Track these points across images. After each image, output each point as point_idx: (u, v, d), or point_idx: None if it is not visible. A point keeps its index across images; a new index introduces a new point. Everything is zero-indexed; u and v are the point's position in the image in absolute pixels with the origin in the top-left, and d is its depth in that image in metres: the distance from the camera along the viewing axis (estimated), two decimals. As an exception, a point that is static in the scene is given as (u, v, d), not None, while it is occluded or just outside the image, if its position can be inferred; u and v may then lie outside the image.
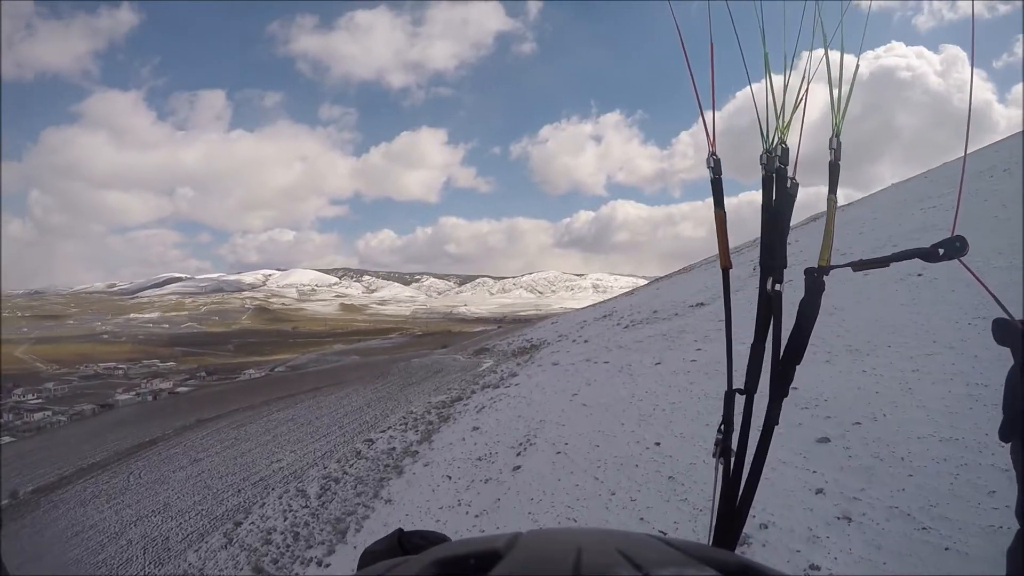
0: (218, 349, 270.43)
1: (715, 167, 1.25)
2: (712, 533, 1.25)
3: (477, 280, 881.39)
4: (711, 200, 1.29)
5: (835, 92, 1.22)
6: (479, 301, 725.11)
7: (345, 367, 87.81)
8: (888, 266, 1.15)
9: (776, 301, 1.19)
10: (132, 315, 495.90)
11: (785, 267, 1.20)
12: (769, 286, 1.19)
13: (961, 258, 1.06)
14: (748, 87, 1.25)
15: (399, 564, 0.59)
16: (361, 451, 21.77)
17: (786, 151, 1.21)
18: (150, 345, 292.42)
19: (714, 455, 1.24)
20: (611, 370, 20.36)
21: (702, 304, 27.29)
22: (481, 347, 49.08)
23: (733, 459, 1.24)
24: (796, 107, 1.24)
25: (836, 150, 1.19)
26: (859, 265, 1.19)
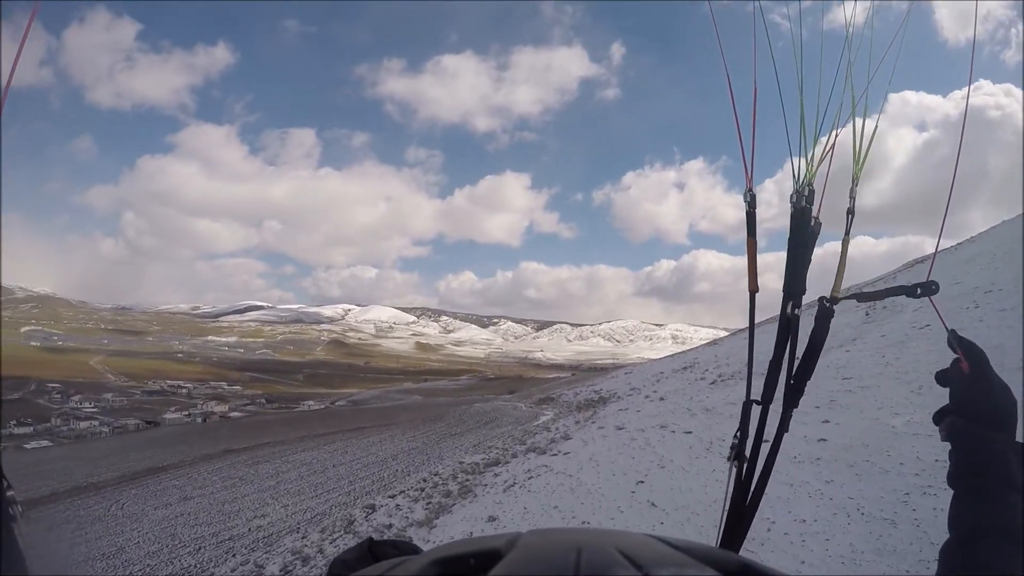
0: (288, 378, 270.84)
1: (751, 201, 1.36)
2: (721, 532, 1.30)
3: (555, 326, 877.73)
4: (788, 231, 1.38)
5: (858, 147, 1.35)
6: (555, 347, 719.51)
7: (402, 407, 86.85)
8: (883, 299, 1.40)
9: (794, 323, 1.30)
10: (210, 337, 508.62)
11: (804, 294, 1.30)
12: (789, 309, 1.30)
13: (931, 297, 1.30)
14: (787, 135, 1.38)
15: (399, 564, 0.59)
16: (355, 521, 18.34)
17: (812, 192, 1.31)
18: (222, 368, 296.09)
19: (728, 459, 1.32)
20: (695, 446, 14.68)
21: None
22: (547, 396, 47.15)
23: (746, 464, 1.30)
24: (823, 157, 1.36)
25: (853, 198, 1.33)
26: (861, 297, 1.41)
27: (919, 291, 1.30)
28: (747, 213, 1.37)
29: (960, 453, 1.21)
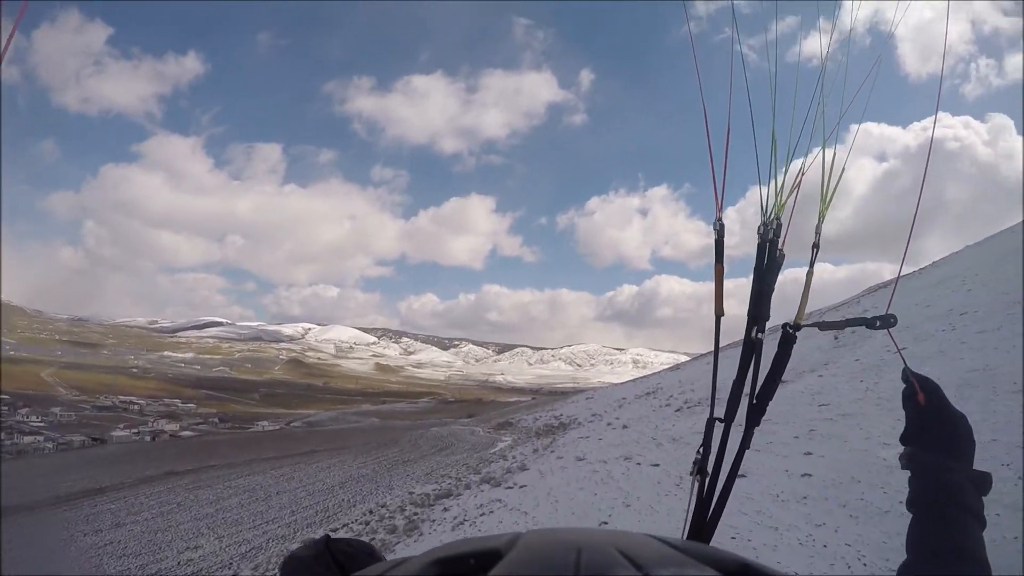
0: (244, 397, 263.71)
1: (720, 230, 1.41)
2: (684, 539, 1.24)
3: (516, 349, 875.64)
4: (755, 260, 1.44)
5: (826, 186, 1.43)
6: (516, 371, 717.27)
7: (358, 429, 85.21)
8: (843, 329, 1.43)
9: (758, 346, 1.36)
10: (167, 353, 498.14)
11: (768, 320, 1.36)
12: (753, 334, 1.36)
13: (889, 329, 1.37)
14: (757, 168, 1.46)
15: (399, 564, 0.59)
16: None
17: (779, 225, 1.38)
18: (177, 384, 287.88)
19: (691, 474, 1.36)
20: (664, 481, 13.50)
21: (785, 381, 20.04)
22: (506, 420, 46.88)
23: (708, 479, 1.34)
24: (791, 193, 1.41)
25: (819, 234, 1.41)
26: (823, 326, 1.46)
27: (878, 324, 1.34)
28: (716, 240, 1.41)
29: (919, 481, 1.26)
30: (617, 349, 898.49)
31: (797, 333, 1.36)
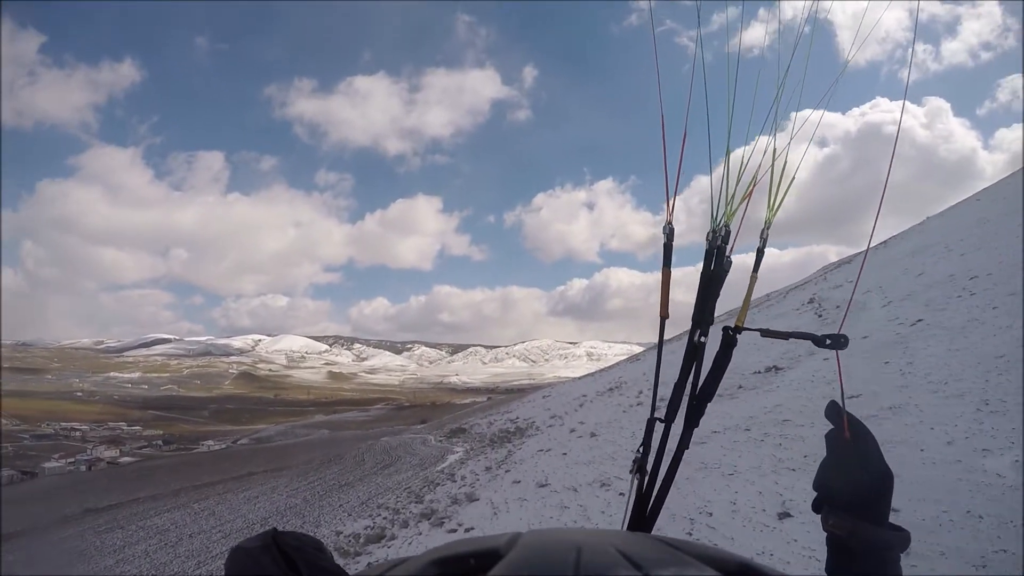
0: (193, 415, 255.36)
1: (669, 234, 1.41)
2: None
3: (469, 349, 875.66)
4: (702, 265, 1.41)
5: (774, 190, 1.44)
6: (471, 371, 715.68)
7: (306, 443, 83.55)
8: (787, 339, 1.42)
9: (700, 350, 1.36)
10: (112, 374, 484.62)
11: (712, 324, 1.36)
12: (696, 337, 1.36)
13: (839, 351, 1.33)
14: (710, 173, 1.46)
15: (398, 564, 0.59)
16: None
17: (728, 232, 1.38)
18: (123, 407, 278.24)
19: (631, 471, 1.36)
20: (666, 526, 9.57)
21: (778, 368, 18.17)
22: (459, 426, 43.61)
23: (647, 478, 1.34)
24: (742, 200, 1.42)
25: (764, 239, 1.41)
26: (765, 333, 1.44)
27: (828, 343, 1.31)
28: (664, 244, 1.42)
29: (835, 548, 1.21)
30: (570, 343, 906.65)
31: (738, 336, 1.36)
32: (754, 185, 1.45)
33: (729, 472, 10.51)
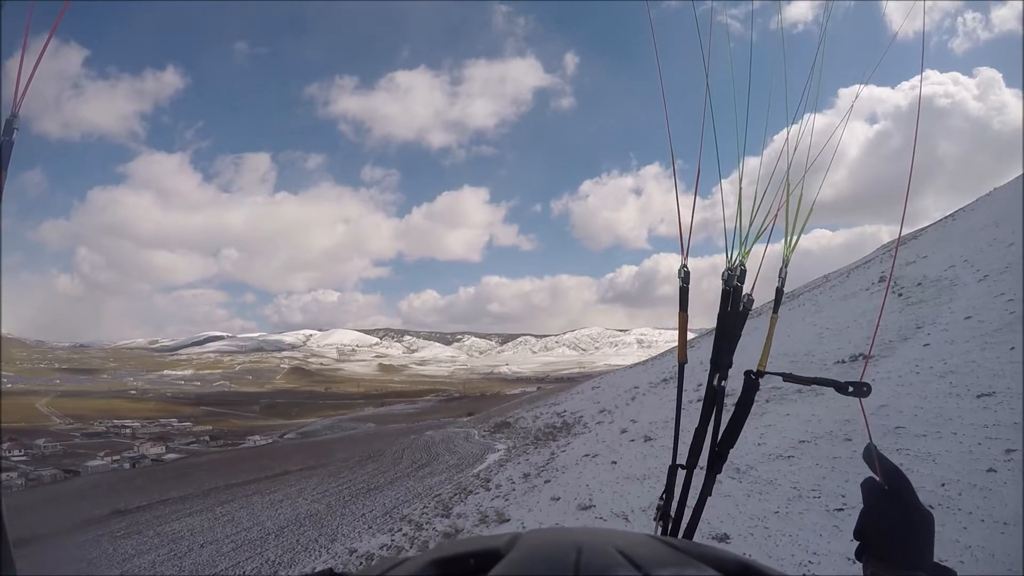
0: (244, 410, 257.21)
1: (684, 278, 1.40)
2: None
3: (519, 339, 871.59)
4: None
5: (791, 222, 1.40)
6: (521, 360, 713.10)
7: (349, 438, 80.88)
8: (809, 385, 1.34)
9: (720, 394, 1.34)
10: (166, 372, 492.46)
11: (730, 367, 1.34)
12: (715, 381, 1.34)
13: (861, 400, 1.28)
14: (723, 216, 1.46)
15: (398, 564, 0.58)
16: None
17: (744, 272, 1.36)
18: (175, 403, 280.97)
19: (654, 519, 1.34)
20: None
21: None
22: (504, 420, 42.77)
23: (671, 524, 1.33)
24: (757, 238, 1.40)
25: (783, 278, 1.40)
26: (788, 378, 1.37)
27: (850, 390, 1.27)
28: (680, 288, 1.41)
29: None
30: (621, 330, 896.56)
31: (760, 380, 1.33)
32: (773, 223, 1.40)
33: (837, 506, 7.62)
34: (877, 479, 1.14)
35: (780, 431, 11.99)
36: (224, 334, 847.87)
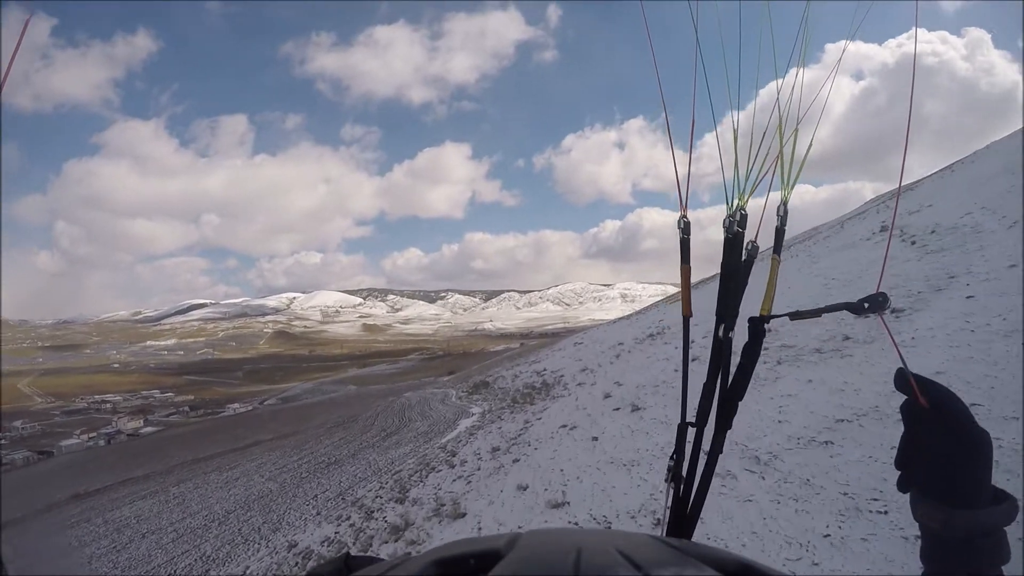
0: (226, 377, 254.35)
1: (685, 228, 1.32)
2: None
3: (503, 295, 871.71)
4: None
5: (787, 165, 1.30)
6: (505, 316, 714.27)
7: (326, 403, 78.96)
8: (820, 316, 1.24)
9: (727, 346, 1.23)
10: (149, 343, 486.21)
11: (736, 317, 1.24)
12: (721, 333, 1.23)
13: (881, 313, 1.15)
14: (719, 155, 1.37)
15: (399, 564, 0.59)
16: None
17: (745, 216, 1.27)
18: (158, 374, 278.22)
19: (666, 480, 1.25)
20: None
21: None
22: (483, 379, 40.91)
23: (683, 485, 1.24)
24: (758, 183, 1.30)
25: (783, 216, 1.30)
26: (795, 315, 1.27)
27: (866, 306, 1.13)
28: (681, 240, 1.33)
29: (929, 538, 1.03)
30: (604, 285, 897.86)
31: (767, 326, 1.22)
32: (765, 166, 1.30)
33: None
34: (919, 402, 0.97)
35: (805, 404, 9.50)
36: (207, 301, 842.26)
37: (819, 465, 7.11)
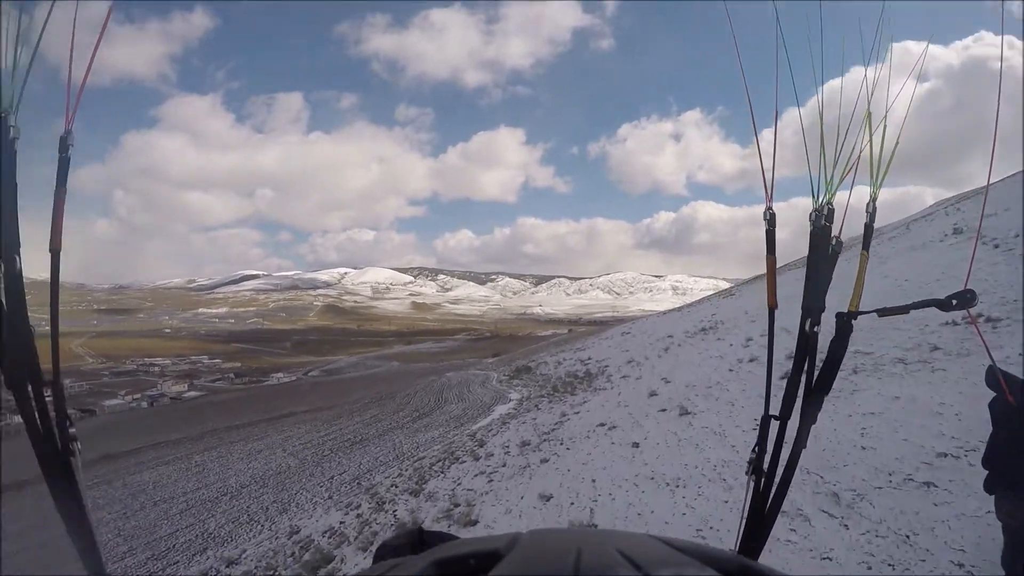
0: (275, 347, 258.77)
1: (770, 220, 1.36)
2: (739, 541, 1.29)
3: (553, 280, 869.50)
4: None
5: (874, 163, 1.35)
6: (554, 302, 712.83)
7: (370, 377, 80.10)
8: (908, 313, 1.31)
9: (813, 340, 1.28)
10: (201, 310, 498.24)
11: (823, 311, 1.28)
12: (807, 327, 1.28)
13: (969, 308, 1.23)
14: (806, 156, 1.37)
15: (399, 564, 0.60)
16: None
17: (832, 211, 1.32)
18: (207, 341, 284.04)
19: (747, 473, 1.31)
20: None
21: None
22: (526, 364, 40.28)
23: (764, 478, 1.29)
24: (844, 177, 1.34)
25: (872, 213, 1.35)
26: (883, 312, 1.35)
27: (954, 303, 1.20)
28: (767, 231, 1.38)
29: (1011, 538, 1.10)
30: (656, 276, 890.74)
31: (854, 322, 1.29)
32: (857, 161, 1.35)
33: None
34: (1007, 400, 0.97)
35: (893, 428, 7.79)
36: (259, 272, 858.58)
37: (921, 516, 5.44)
